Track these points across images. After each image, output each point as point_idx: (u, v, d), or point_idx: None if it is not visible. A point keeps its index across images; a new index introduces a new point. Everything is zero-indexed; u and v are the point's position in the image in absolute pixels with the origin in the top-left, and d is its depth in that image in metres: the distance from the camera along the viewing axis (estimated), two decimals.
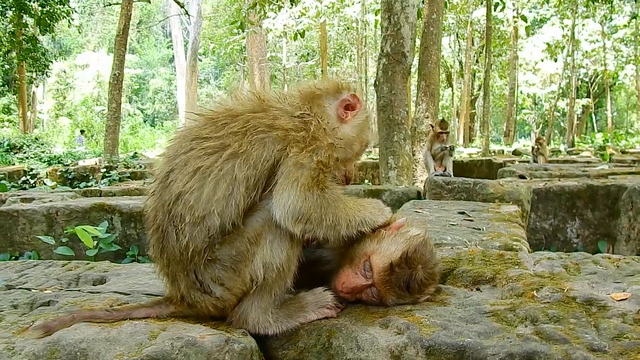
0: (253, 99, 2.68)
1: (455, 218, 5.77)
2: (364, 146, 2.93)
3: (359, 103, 2.86)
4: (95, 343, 2.16)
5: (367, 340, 2.34)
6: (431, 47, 18.07)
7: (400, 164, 12.77)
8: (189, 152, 2.49)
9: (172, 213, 2.43)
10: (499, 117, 65.34)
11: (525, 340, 2.21)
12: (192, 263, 2.43)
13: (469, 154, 29.16)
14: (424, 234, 2.78)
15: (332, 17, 40.29)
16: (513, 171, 12.44)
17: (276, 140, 2.50)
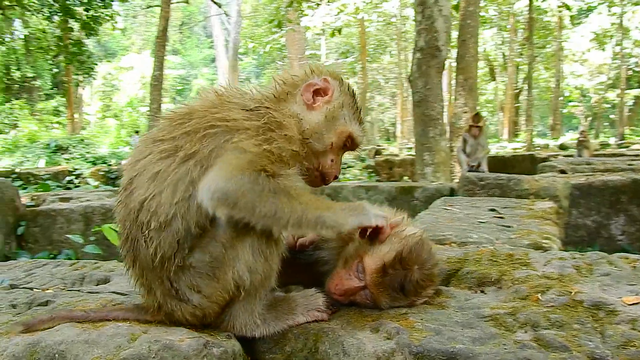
0: (211, 96, 2.55)
1: (485, 215, 5.60)
2: (343, 138, 2.65)
3: (331, 87, 2.64)
4: (74, 345, 2.11)
5: (354, 345, 2.22)
6: (469, 40, 17.74)
7: (436, 160, 12.55)
8: (147, 156, 2.38)
9: (138, 221, 2.32)
10: (545, 110, 63.90)
11: (521, 347, 2.06)
12: (165, 270, 2.32)
13: (513, 149, 28.55)
14: (420, 233, 2.63)
15: (371, 13, 40.02)
16: (554, 166, 12.08)
17: (225, 132, 2.34)
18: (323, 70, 2.72)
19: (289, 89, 2.64)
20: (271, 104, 2.51)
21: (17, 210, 9.26)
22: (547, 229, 4.84)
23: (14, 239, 9.09)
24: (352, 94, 2.73)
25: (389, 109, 60.99)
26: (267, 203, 2.19)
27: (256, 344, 2.43)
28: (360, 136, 2.72)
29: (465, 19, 17.77)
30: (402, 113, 43.62)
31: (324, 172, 2.67)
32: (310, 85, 2.61)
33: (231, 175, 2.17)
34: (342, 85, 2.70)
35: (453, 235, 4.43)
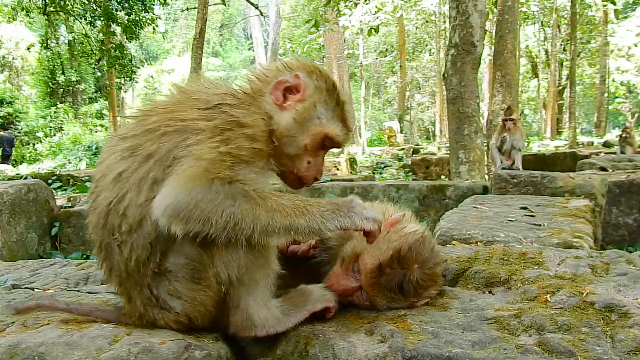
0: (176, 92, 2.41)
1: (516, 213, 5.41)
2: (319, 139, 2.43)
3: (302, 84, 2.42)
4: (54, 347, 2.05)
5: (345, 349, 2.09)
6: (507, 36, 17.38)
7: (471, 158, 12.28)
8: (111, 156, 2.27)
9: (108, 225, 2.20)
10: (589, 107, 62.41)
11: (523, 352, 1.91)
12: (142, 276, 2.19)
13: (555, 147, 27.94)
14: (422, 230, 2.47)
15: (410, 11, 39.66)
16: (593, 163, 11.69)
17: (180, 132, 2.18)
18: (297, 65, 2.51)
19: (261, 86, 2.47)
20: (235, 100, 2.34)
21: (51, 212, 9.36)
22: (580, 227, 4.64)
23: (48, 239, 9.19)
24: (331, 89, 2.49)
25: (429, 107, 60.44)
26: (225, 213, 2.02)
27: (246, 346, 2.33)
28: (339, 136, 2.49)
29: (503, 14, 17.42)
30: (441, 112, 43.10)
31: (300, 175, 2.48)
32: (280, 83, 2.42)
33: (182, 188, 2.02)
34: (318, 81, 2.47)
35: (479, 234, 4.27)
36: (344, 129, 2.51)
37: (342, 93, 2.53)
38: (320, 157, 2.52)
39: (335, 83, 2.53)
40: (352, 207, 2.24)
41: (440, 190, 9.11)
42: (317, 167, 2.50)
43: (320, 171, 2.53)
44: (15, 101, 40.42)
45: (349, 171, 22.11)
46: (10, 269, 3.75)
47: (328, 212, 2.19)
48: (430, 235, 2.53)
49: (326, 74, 2.53)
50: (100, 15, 31.34)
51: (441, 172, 19.68)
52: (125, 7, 30.67)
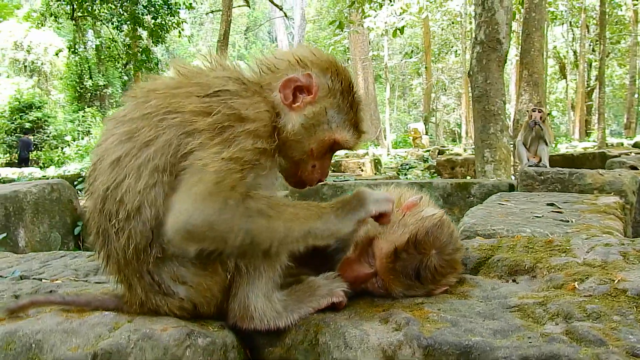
0: (176, 73, 2.26)
1: (542, 210, 5.26)
2: (326, 146, 2.30)
3: (315, 85, 2.23)
4: (51, 334, 1.97)
5: (357, 337, 1.98)
6: (534, 34, 17.13)
7: (497, 157, 12.07)
8: (109, 139, 2.16)
9: (105, 211, 2.10)
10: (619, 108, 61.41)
11: (549, 341, 1.77)
12: (141, 263, 2.09)
13: (583, 148, 27.49)
14: (440, 214, 2.34)
15: (435, 12, 39.44)
16: (623, 162, 11.41)
17: (179, 126, 2.05)
18: (312, 61, 2.31)
19: (271, 77, 2.29)
20: (238, 87, 2.16)
21: (74, 211, 9.39)
22: (609, 223, 4.48)
23: (72, 238, 9.22)
24: (346, 90, 2.32)
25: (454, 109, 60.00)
26: (240, 232, 1.93)
27: (254, 335, 2.21)
28: (349, 141, 2.33)
29: (530, 12, 17.19)
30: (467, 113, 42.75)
31: (304, 178, 2.36)
32: (290, 80, 2.23)
33: (194, 207, 1.92)
34: (332, 81, 2.29)
35: (504, 229, 4.14)
36: (355, 133, 2.36)
37: (357, 93, 2.38)
38: (327, 160, 2.39)
39: (351, 82, 2.36)
40: (361, 197, 2.16)
41: (465, 188, 8.95)
42: (323, 170, 2.38)
43: (325, 173, 2.40)
44: (44, 106, 40.92)
45: (374, 172, 21.97)
46: (20, 261, 3.70)
47: (340, 210, 2.11)
48: (449, 219, 2.39)
49: (343, 72, 2.35)
50: (126, 20, 31.68)
51: (467, 173, 19.43)
52: (152, 11, 30.96)
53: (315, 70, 2.27)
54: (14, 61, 46.56)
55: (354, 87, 2.35)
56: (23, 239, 7.92)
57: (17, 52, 46.18)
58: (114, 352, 1.90)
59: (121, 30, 33.19)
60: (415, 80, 57.09)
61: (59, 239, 8.85)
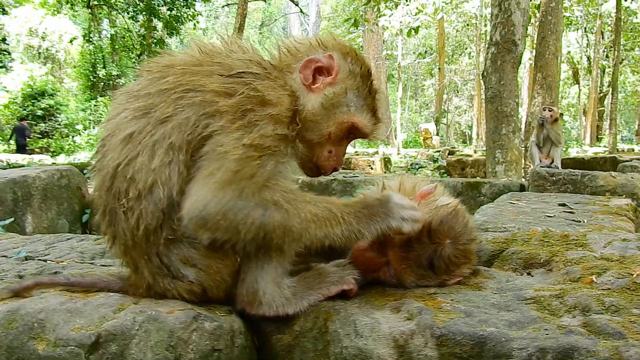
0: (196, 50, 2.19)
1: (554, 210, 5.22)
2: (344, 129, 2.25)
3: (336, 66, 2.20)
4: (55, 314, 1.93)
5: (368, 325, 1.93)
6: (549, 37, 16.98)
7: (508, 158, 11.99)
8: (121, 114, 2.10)
9: (114, 189, 2.04)
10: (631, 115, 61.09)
11: (566, 333, 1.72)
12: (151, 245, 2.04)
13: (594, 153, 27.34)
14: (455, 204, 2.30)
15: (450, 13, 39.29)
16: (635, 166, 11.37)
17: (200, 106, 2.01)
18: (333, 44, 2.29)
19: (291, 60, 2.25)
20: (260, 70, 2.11)
21: (83, 198, 9.37)
22: (622, 224, 4.44)
23: (79, 226, 9.20)
24: (365, 75, 2.28)
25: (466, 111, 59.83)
26: (254, 225, 1.90)
27: (261, 322, 2.16)
28: (367, 126, 2.30)
29: (546, 16, 17.04)
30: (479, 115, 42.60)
31: (319, 164, 2.30)
32: (311, 61, 2.20)
33: (212, 195, 1.89)
34: (353, 65, 2.27)
35: (515, 227, 4.09)
36: (373, 119, 2.32)
37: (376, 81, 2.35)
38: (343, 147, 2.34)
39: (370, 69, 2.32)
40: (389, 208, 2.10)
41: (476, 187, 8.89)
42: (339, 157, 2.33)
43: (341, 162, 2.35)
44: (57, 93, 41.01)
45: (383, 171, 21.90)
46: (26, 242, 3.65)
47: (364, 217, 2.06)
48: (464, 209, 2.35)
49: (362, 57, 2.32)
50: (142, 10, 31.79)
51: (477, 173, 19.32)
52: (168, 3, 31.04)
53: (336, 53, 2.25)
54: (28, 47, 46.75)
55: (373, 73, 2.32)
56: (30, 224, 7.90)
57: (31, 38, 46.36)
58: (118, 333, 1.87)
59: (136, 20, 33.33)
60: (428, 81, 56.85)
61: (67, 226, 8.83)
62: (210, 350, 1.93)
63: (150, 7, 30.97)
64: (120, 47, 39.51)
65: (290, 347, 2.10)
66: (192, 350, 1.89)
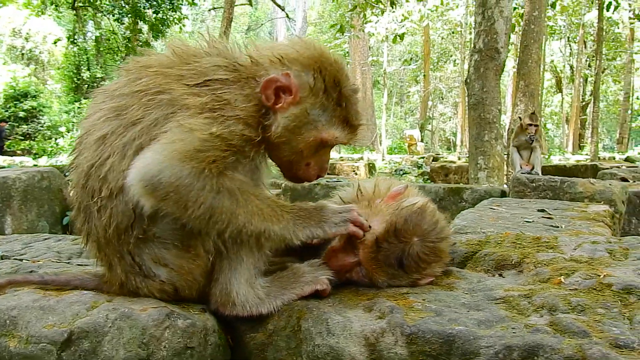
0: (171, 52, 2.17)
1: (533, 215, 5.25)
2: (315, 145, 2.19)
3: (294, 86, 2.10)
4: (27, 311, 1.94)
5: (340, 323, 1.95)
6: (532, 46, 17.13)
7: (490, 165, 12.07)
8: (97, 113, 2.12)
9: (88, 187, 2.07)
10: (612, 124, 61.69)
11: (533, 331, 1.75)
12: (123, 243, 2.05)
13: (576, 160, 27.60)
14: (422, 203, 2.31)
15: (436, 21, 39.52)
16: (614, 174, 11.49)
17: (168, 105, 2.01)
18: (293, 57, 2.17)
19: (255, 71, 2.15)
20: (229, 75, 2.09)
21: (64, 200, 9.30)
22: (599, 230, 4.47)
23: (60, 228, 9.13)
24: (331, 86, 2.17)
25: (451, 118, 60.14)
26: (204, 205, 1.91)
27: (235, 320, 2.18)
28: (339, 138, 2.21)
29: (529, 24, 17.20)
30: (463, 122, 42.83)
31: (300, 175, 2.30)
32: (270, 81, 2.09)
33: (169, 163, 1.87)
34: (315, 79, 2.14)
35: (494, 232, 4.12)
36: (346, 129, 2.23)
37: (346, 87, 2.22)
38: (323, 157, 2.30)
39: (337, 77, 2.20)
40: (322, 215, 2.14)
41: (457, 193, 8.95)
42: (320, 166, 2.30)
43: (324, 169, 2.32)
44: (40, 95, 40.67)
45: (368, 176, 21.95)
46: (2, 242, 3.64)
47: (301, 220, 2.09)
48: (433, 208, 2.36)
49: (329, 66, 2.19)
50: (128, 12, 31.62)
51: (460, 180, 19.43)
52: (154, 5, 30.90)
53: (296, 69, 2.15)
54: (11, 48, 46.38)
55: (343, 81, 2.21)
56: (10, 226, 7.83)
57: (15, 39, 46.01)
58: (90, 330, 1.88)
59: (122, 22, 33.14)
60: (413, 88, 57.11)
61: (47, 228, 8.76)
62: (183, 347, 1.94)
63: (136, 10, 30.83)
64: (105, 49, 39.27)
65: (264, 346, 2.11)
66: (164, 348, 1.90)
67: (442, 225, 2.33)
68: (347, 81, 2.23)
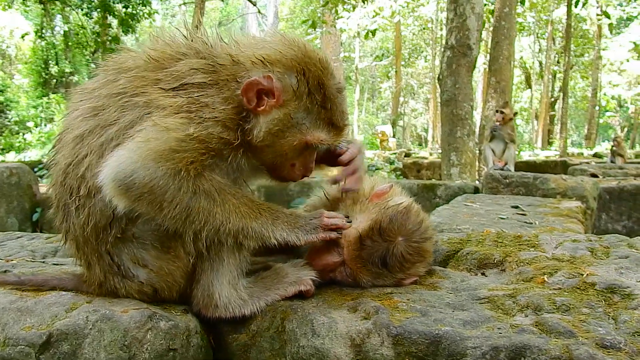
0: (146, 54, 2.10)
1: (507, 212, 5.31)
2: (300, 148, 2.13)
3: (277, 89, 2.02)
4: (4, 313, 1.89)
5: (325, 324, 1.93)
6: (502, 42, 17.29)
7: (463, 161, 12.19)
8: (75, 111, 2.09)
9: (66, 184, 2.04)
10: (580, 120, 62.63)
11: (519, 331, 1.75)
12: (100, 242, 2.01)
13: (546, 157, 27.96)
14: (407, 203, 2.31)
15: (407, 17, 39.70)
16: (584, 170, 11.62)
17: (143, 106, 1.98)
18: (276, 58, 2.08)
19: (235, 71, 2.07)
20: (206, 78, 2.03)
21: (34, 197, 9.18)
22: (571, 226, 4.54)
23: (30, 224, 9.01)
24: (315, 88, 2.10)
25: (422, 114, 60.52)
26: (180, 205, 1.89)
27: (218, 322, 2.15)
28: (325, 140, 2.14)
29: (499, 21, 17.35)
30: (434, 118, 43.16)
31: (284, 176, 2.26)
32: (251, 84, 2.00)
33: (143, 163, 1.84)
34: (298, 81, 2.07)
35: (470, 229, 4.15)
36: (331, 131, 2.16)
37: (331, 88, 2.15)
38: (307, 157, 2.24)
39: (321, 78, 2.12)
40: (296, 221, 2.12)
41: (431, 189, 9.01)
42: (305, 166, 2.25)
43: (309, 169, 2.27)
44: (7, 90, 39.93)
45: None
46: None
47: (278, 220, 2.08)
48: (418, 208, 2.36)
49: (313, 66, 2.11)
50: (97, 7, 31.20)
51: (432, 175, 19.58)
52: (123, 0, 30.52)
53: (279, 70, 2.06)
54: None
55: (327, 82, 2.14)
56: None
57: None
58: (70, 332, 1.84)
59: (91, 17, 32.68)
60: (385, 84, 57.36)
61: (16, 225, 8.64)
62: (166, 349, 1.91)
63: (105, 4, 30.40)
64: (74, 44, 38.67)
65: (247, 347, 2.08)
66: (146, 350, 1.87)
67: (426, 225, 2.33)
68: (331, 81, 2.16)
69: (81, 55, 41.39)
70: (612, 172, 11.55)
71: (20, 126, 38.38)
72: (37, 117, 39.95)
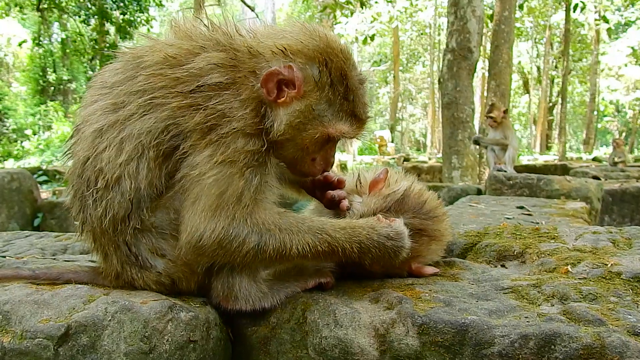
0: (167, 47, 2.05)
1: (513, 212, 5.29)
2: (321, 140, 2.09)
3: (298, 80, 1.98)
4: (21, 305, 1.85)
5: (347, 315, 1.90)
6: (502, 46, 17.33)
7: (464, 164, 12.18)
8: (94, 104, 2.07)
9: (84, 176, 2.03)
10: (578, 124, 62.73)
11: (547, 320, 1.72)
12: (119, 233, 2.00)
13: (545, 161, 27.99)
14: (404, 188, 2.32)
15: (405, 22, 39.80)
16: (586, 172, 11.64)
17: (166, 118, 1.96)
18: (298, 48, 2.03)
19: (254, 64, 2.02)
20: (224, 77, 1.97)
21: (35, 202, 9.16)
22: (578, 226, 4.52)
23: (31, 229, 8.96)
24: (337, 78, 2.04)
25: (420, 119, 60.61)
26: (251, 252, 1.92)
27: (237, 314, 2.11)
28: (347, 133, 2.10)
29: (499, 24, 17.39)
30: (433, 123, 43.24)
31: (304, 171, 2.22)
32: (272, 74, 1.96)
33: (204, 227, 1.89)
34: (320, 72, 2.02)
35: (476, 229, 4.13)
36: (354, 123, 2.12)
37: (353, 79, 2.10)
38: (328, 151, 2.20)
39: (343, 69, 2.07)
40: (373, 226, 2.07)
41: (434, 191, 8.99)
42: (326, 161, 2.21)
43: (329, 163, 2.23)
44: (5, 97, 39.91)
45: None
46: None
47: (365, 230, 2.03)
48: (420, 189, 2.39)
49: (335, 57, 2.06)
50: (94, 14, 31.14)
51: (432, 180, 19.55)
52: (120, 7, 30.48)
53: (300, 60, 2.01)
54: None
55: (349, 73, 2.09)
56: None
57: None
58: (89, 324, 1.80)
59: (88, 24, 32.61)
60: (383, 89, 57.46)
61: (18, 230, 8.59)
62: (186, 341, 1.87)
63: (103, 11, 30.38)
64: (72, 51, 38.61)
65: (266, 339, 2.06)
66: (167, 341, 1.83)
67: (432, 204, 2.33)
68: (354, 72, 2.12)
69: (79, 63, 41.39)
70: (614, 174, 11.56)
71: (19, 134, 38.38)
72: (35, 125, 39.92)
